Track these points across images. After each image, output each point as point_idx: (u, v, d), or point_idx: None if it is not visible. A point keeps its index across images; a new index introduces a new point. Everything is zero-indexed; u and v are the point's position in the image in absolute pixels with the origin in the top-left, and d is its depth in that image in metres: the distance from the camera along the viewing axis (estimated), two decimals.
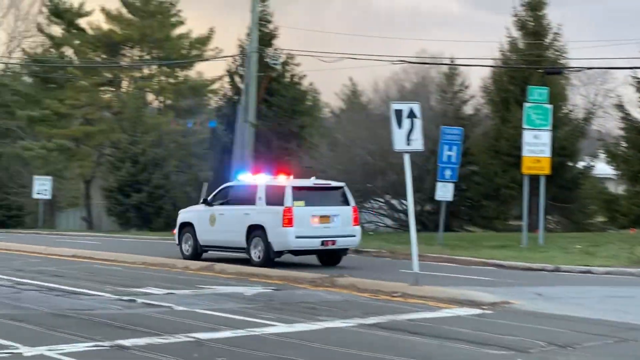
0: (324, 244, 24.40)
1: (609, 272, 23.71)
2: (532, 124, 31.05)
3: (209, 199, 26.94)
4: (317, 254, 25.45)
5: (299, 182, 25.38)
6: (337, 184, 26.12)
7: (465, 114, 46.59)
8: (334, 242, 24.55)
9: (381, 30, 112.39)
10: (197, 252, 26.54)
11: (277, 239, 24.19)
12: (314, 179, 26.43)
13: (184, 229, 27.13)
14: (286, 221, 23.92)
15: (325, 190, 25.45)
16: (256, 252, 24.61)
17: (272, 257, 24.36)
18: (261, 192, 24.88)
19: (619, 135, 45.99)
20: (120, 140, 54.46)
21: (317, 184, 25.60)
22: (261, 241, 24.46)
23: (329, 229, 24.49)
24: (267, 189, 24.85)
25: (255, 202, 24.94)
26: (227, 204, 26.13)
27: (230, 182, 27.57)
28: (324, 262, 25.42)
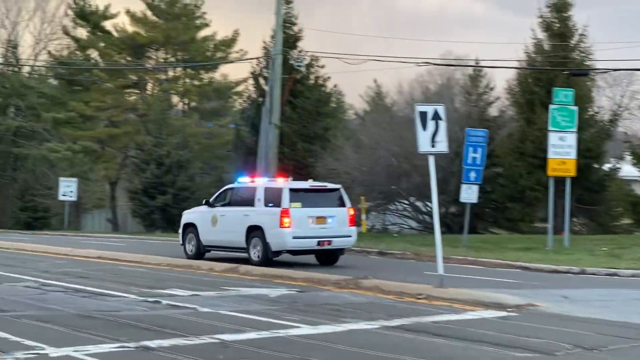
0: (320, 244, 25.06)
1: (635, 274, 23.58)
2: (558, 126, 30.93)
3: (211, 200, 27.57)
4: (315, 254, 26.07)
5: (296, 184, 26.14)
6: (333, 185, 26.74)
7: (490, 115, 46.46)
8: (329, 242, 25.19)
9: (406, 32, 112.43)
10: (200, 252, 27.19)
11: (274, 239, 24.86)
12: (311, 181, 27.48)
13: (187, 229, 27.81)
14: (283, 222, 24.63)
15: (321, 192, 26.08)
16: (255, 252, 25.26)
17: (270, 257, 25.00)
18: (260, 194, 25.59)
19: None
20: (145, 142, 54.65)
21: (313, 186, 26.40)
22: (260, 241, 25.14)
23: (325, 229, 25.13)
24: (265, 191, 25.56)
25: (254, 203, 25.63)
26: (228, 206, 26.82)
27: (231, 184, 28.14)
28: (322, 261, 26.05)
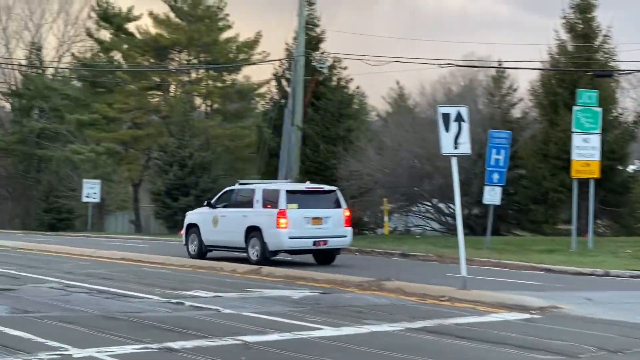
0: (316, 244, 25.94)
1: None
2: (582, 127, 30.80)
3: (212, 201, 28.40)
4: (312, 254, 26.88)
5: (293, 186, 27.46)
6: (329, 187, 27.78)
7: (513, 117, 46.27)
8: (325, 242, 26.06)
9: (428, 33, 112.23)
10: (202, 252, 28.02)
11: (272, 239, 25.73)
12: (308, 183, 28.55)
13: (190, 229, 28.64)
14: (280, 223, 25.52)
15: (317, 193, 26.95)
16: (254, 252, 26.13)
17: (267, 256, 25.85)
18: (258, 196, 26.49)
19: None
20: (168, 144, 54.77)
21: (309, 188, 27.24)
22: (258, 241, 26.01)
23: (320, 230, 26.00)
24: (263, 192, 26.49)
25: (253, 205, 26.52)
26: (228, 207, 27.66)
27: (231, 186, 28.99)
28: (319, 261, 26.82)
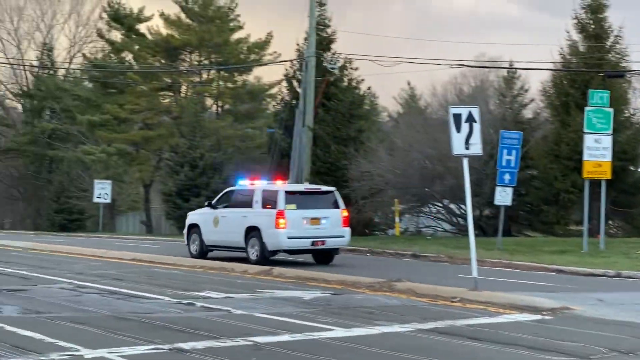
0: (314, 244, 26.44)
1: None
2: (593, 128, 30.73)
3: (213, 202, 28.97)
4: (312, 253, 27.39)
5: (292, 187, 27.98)
6: (328, 188, 28.29)
7: (524, 117, 46.23)
8: (323, 242, 26.55)
9: (439, 33, 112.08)
10: (203, 251, 28.53)
11: (270, 239, 26.22)
12: (307, 183, 28.94)
13: (191, 230, 29.19)
14: (278, 223, 26.02)
15: (316, 194, 27.50)
16: (253, 252, 26.64)
17: (267, 256, 26.32)
18: (257, 196, 27.00)
19: None
20: (179, 144, 54.84)
21: (308, 189, 28.01)
22: (257, 241, 26.51)
23: (318, 230, 26.49)
24: (262, 193, 27.00)
25: (252, 205, 27.00)
26: (228, 207, 28.13)
27: (232, 187, 29.54)
28: (318, 260, 27.31)
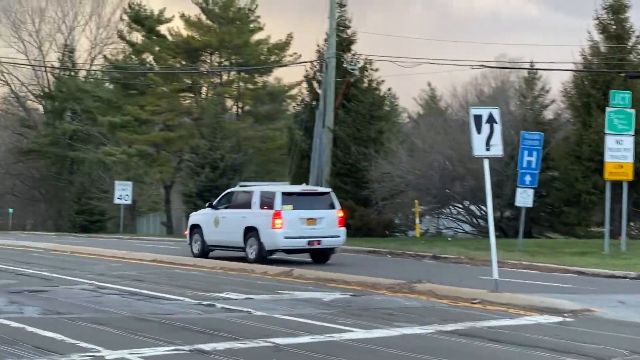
0: (310, 243, 27.29)
1: None
2: (615, 129, 30.60)
3: (214, 203, 29.92)
4: (309, 253, 28.26)
5: (288, 188, 28.79)
6: (324, 189, 29.72)
7: (545, 118, 46.06)
8: (319, 242, 27.38)
9: (460, 34, 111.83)
10: (204, 251, 29.52)
11: (267, 239, 27.06)
12: (304, 185, 29.84)
13: (193, 230, 30.21)
14: (275, 223, 26.87)
15: (312, 195, 28.43)
16: (251, 251, 27.51)
17: (264, 255, 27.16)
18: (256, 197, 27.91)
19: None
20: (199, 146, 54.99)
21: (305, 190, 28.89)
22: (255, 241, 27.36)
23: (315, 230, 27.32)
24: (260, 194, 27.87)
25: (251, 206, 27.91)
26: (228, 208, 29.04)
27: (232, 188, 30.57)
28: (315, 260, 28.17)
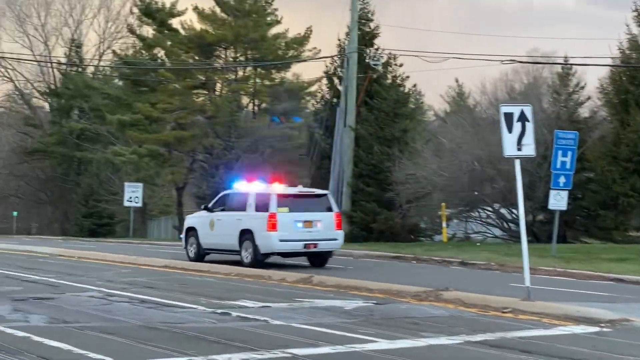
0: (306, 246, 27.89)
1: None
2: None
3: (209, 205, 30.65)
4: (306, 256, 28.91)
5: (284, 190, 28.97)
6: (321, 191, 30.19)
7: (580, 117, 45.86)
8: (315, 245, 27.98)
9: (489, 27, 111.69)
10: (200, 254, 30.12)
11: (263, 242, 27.64)
12: (300, 186, 30.66)
13: (189, 233, 30.74)
14: (270, 226, 27.45)
15: (309, 197, 29.05)
16: (246, 255, 28.10)
17: (259, 259, 27.73)
18: (251, 200, 28.48)
19: None
20: (213, 145, 55.10)
21: (301, 192, 29.34)
22: (250, 244, 27.96)
23: (311, 233, 27.94)
24: (256, 196, 28.42)
25: (246, 208, 28.52)
26: (224, 210, 29.70)
27: (227, 190, 31.14)
28: (313, 263, 28.78)
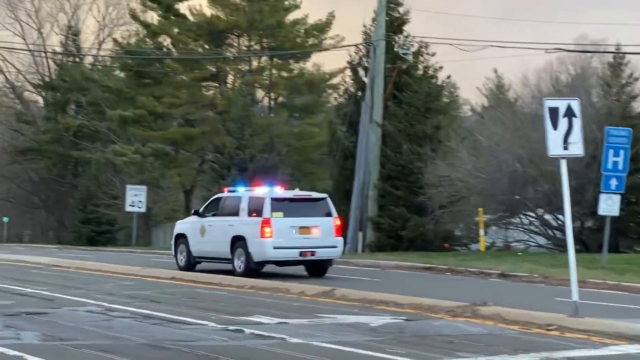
0: (302, 254, 28.27)
1: None
2: None
3: (200, 210, 31.25)
4: (303, 265, 29.23)
5: (279, 194, 29.45)
6: (319, 195, 30.40)
7: (634, 111, 45.76)
8: (313, 253, 28.33)
9: (532, 12, 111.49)
10: (190, 263, 30.67)
11: (256, 249, 28.07)
12: (297, 190, 31.17)
13: (179, 240, 31.29)
14: (264, 232, 27.83)
15: (306, 201, 29.52)
16: (239, 263, 28.58)
17: (252, 268, 28.20)
18: (244, 204, 28.97)
19: None
20: (225, 144, 55.17)
21: (297, 195, 30.02)
22: (243, 252, 28.37)
23: (308, 239, 28.33)
24: (249, 200, 28.92)
25: (239, 213, 29.00)
26: (216, 215, 30.22)
27: (220, 194, 31.71)
28: (311, 273, 29.11)
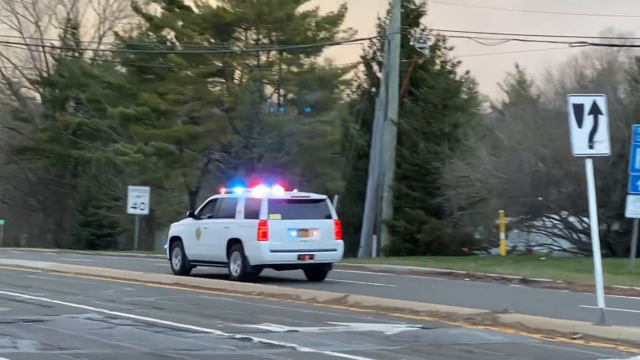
0: (300, 258, 28.55)
1: None
2: None
3: (196, 212, 31.53)
4: (302, 269, 29.49)
5: (277, 195, 29.51)
6: (318, 196, 30.69)
7: None
8: (312, 257, 28.58)
9: (556, 5, 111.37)
10: (185, 267, 30.92)
11: (252, 252, 28.28)
12: (295, 191, 31.64)
13: (173, 243, 31.55)
14: (260, 234, 28.01)
15: (304, 203, 29.84)
16: (235, 267, 28.79)
17: (249, 272, 28.38)
18: (240, 205, 29.25)
19: None
20: (231, 142, 55.23)
21: (295, 197, 30.21)
22: (239, 255, 28.55)
23: (306, 242, 28.58)
24: (245, 202, 29.19)
25: (235, 215, 29.27)
26: (212, 217, 30.48)
27: (215, 195, 31.92)
28: (310, 277, 29.37)
